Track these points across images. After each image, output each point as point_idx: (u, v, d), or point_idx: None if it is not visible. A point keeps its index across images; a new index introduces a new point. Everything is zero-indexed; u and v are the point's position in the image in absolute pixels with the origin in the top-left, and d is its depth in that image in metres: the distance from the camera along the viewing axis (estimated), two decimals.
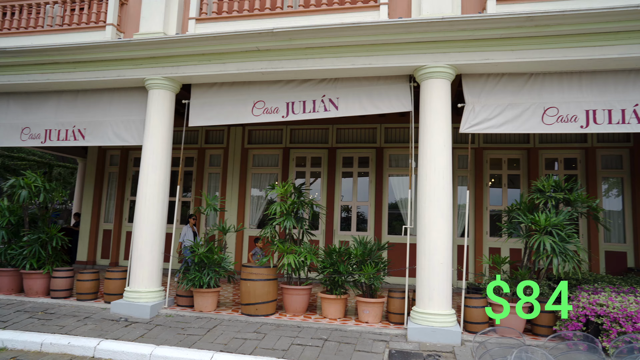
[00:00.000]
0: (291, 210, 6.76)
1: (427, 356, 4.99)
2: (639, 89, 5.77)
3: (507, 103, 6.02)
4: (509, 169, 9.54)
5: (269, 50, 6.24)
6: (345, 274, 6.27)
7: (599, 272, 8.75)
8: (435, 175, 5.67)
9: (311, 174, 10.34)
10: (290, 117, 6.65)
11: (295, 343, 5.24)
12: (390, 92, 6.36)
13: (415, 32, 5.70)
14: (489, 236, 9.32)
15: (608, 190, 9.14)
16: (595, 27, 5.34)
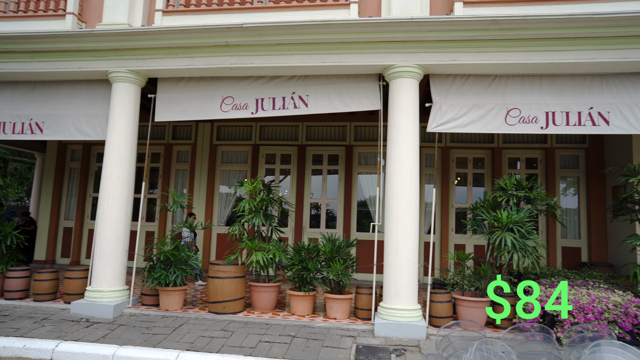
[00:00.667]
0: (260, 207, 6.71)
1: (393, 350, 5.08)
2: (594, 93, 6.05)
3: (473, 103, 6.19)
4: (474, 168, 9.81)
5: (238, 45, 6.17)
6: (314, 271, 6.29)
7: (556, 266, 9.14)
8: (403, 174, 5.77)
9: (281, 171, 10.30)
10: (260, 113, 6.60)
11: (263, 340, 5.22)
12: (360, 91, 6.41)
13: (384, 31, 5.77)
14: (454, 233, 9.57)
15: (566, 189, 9.56)
16: (554, 33, 5.56)
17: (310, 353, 4.88)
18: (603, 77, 6.09)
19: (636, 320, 5.17)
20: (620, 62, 5.62)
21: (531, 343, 3.93)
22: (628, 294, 5.56)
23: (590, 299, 5.34)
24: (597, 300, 5.32)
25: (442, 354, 3.40)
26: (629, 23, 5.38)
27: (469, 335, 4.07)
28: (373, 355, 4.92)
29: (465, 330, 5.15)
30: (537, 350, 3.60)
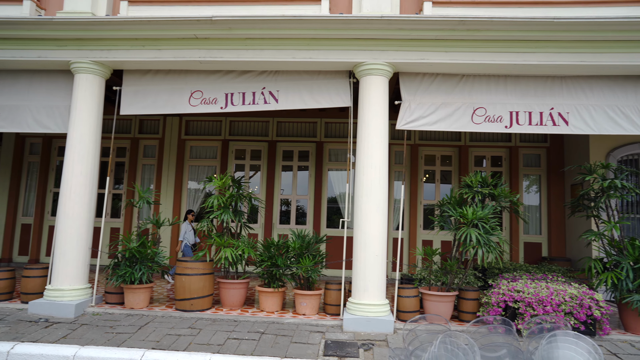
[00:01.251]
0: (229, 203, 6.64)
1: (361, 345, 5.14)
2: (555, 94, 6.29)
3: (441, 102, 6.31)
4: (442, 165, 10.03)
5: (207, 38, 6.05)
6: (283, 267, 6.28)
7: (518, 261, 9.48)
8: (372, 170, 5.83)
9: (251, 167, 10.21)
10: (230, 108, 6.51)
11: (231, 337, 5.17)
12: (331, 87, 6.42)
13: (355, 28, 5.80)
14: (422, 229, 9.76)
15: (529, 186, 9.91)
16: (518, 35, 5.74)
17: (279, 349, 4.88)
18: (563, 79, 6.33)
19: (590, 312, 5.43)
20: (578, 65, 5.85)
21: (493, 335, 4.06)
22: (583, 286, 5.83)
23: (549, 292, 5.56)
24: (555, 293, 5.55)
25: (408, 348, 3.47)
26: (586, 28, 5.61)
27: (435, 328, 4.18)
28: (341, 350, 4.96)
29: (431, 324, 5.27)
30: (498, 342, 3.72)
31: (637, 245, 5.94)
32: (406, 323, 5.29)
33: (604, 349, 5.21)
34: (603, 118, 6.18)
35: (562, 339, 3.17)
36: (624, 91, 6.25)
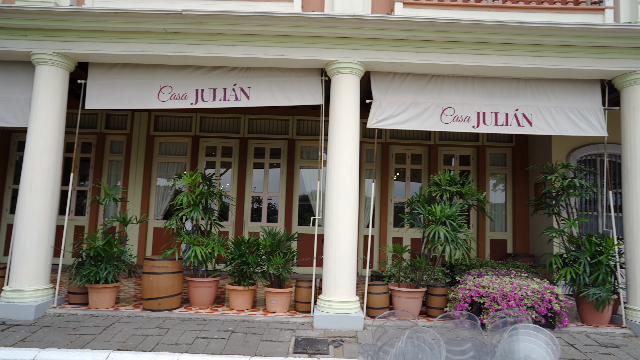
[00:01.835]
0: (199, 200, 6.54)
1: (331, 342, 5.18)
2: (519, 96, 6.50)
3: (411, 101, 6.42)
4: (412, 164, 10.20)
5: (177, 33, 5.94)
6: (254, 265, 6.25)
7: (484, 257, 9.77)
8: (344, 168, 5.87)
9: (222, 164, 10.09)
10: (200, 104, 6.41)
11: (200, 336, 5.11)
12: (302, 85, 6.42)
13: (327, 27, 5.81)
14: (392, 227, 9.90)
15: (496, 184, 10.21)
16: (485, 37, 5.90)
17: (249, 347, 4.85)
18: (527, 81, 6.55)
19: (550, 305, 5.66)
20: (541, 68, 6.07)
21: (460, 330, 4.17)
22: (544, 281, 6.06)
23: (513, 287, 5.76)
24: (519, 288, 5.75)
25: (376, 343, 3.53)
26: (548, 33, 5.83)
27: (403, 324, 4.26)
28: (311, 347, 4.99)
29: (400, 319, 5.36)
30: (464, 336, 3.83)
31: (593, 241, 6.23)
32: (374, 319, 5.37)
33: (562, 340, 5.45)
34: (564, 120, 6.44)
35: (522, 331, 3.29)
36: (583, 94, 6.53)
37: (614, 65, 6.04)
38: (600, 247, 6.23)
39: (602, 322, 6.06)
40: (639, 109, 6.09)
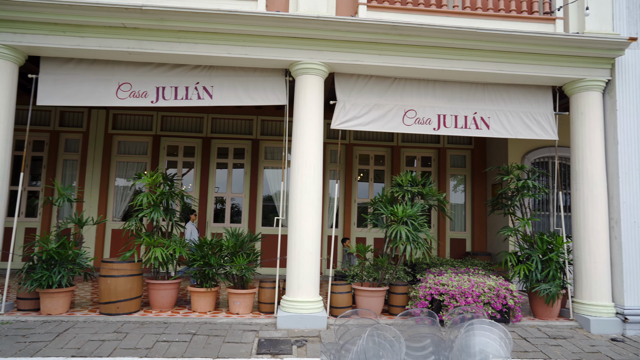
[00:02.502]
0: (160, 201, 6.38)
1: (294, 342, 5.19)
2: (478, 100, 6.74)
3: (374, 103, 6.52)
4: (375, 165, 10.36)
5: (137, 29, 5.77)
6: (217, 266, 6.16)
7: (445, 256, 10.05)
8: (307, 169, 5.89)
9: (184, 164, 9.88)
10: (161, 102, 6.25)
11: (160, 340, 4.99)
12: (266, 85, 6.39)
13: (291, 27, 5.82)
14: (356, 227, 10.02)
15: (456, 185, 10.53)
16: (446, 42, 6.08)
17: (211, 350, 4.78)
18: (485, 86, 6.80)
19: (505, 301, 5.90)
20: (498, 73, 6.32)
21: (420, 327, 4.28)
22: (500, 278, 6.31)
23: (471, 284, 5.97)
24: (476, 285, 5.96)
25: (339, 342, 3.56)
26: (504, 40, 6.08)
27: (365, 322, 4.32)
28: (275, 347, 4.97)
29: (362, 318, 5.43)
30: (424, 333, 3.93)
31: (545, 239, 6.55)
32: (337, 318, 5.41)
33: (515, 334, 5.69)
34: (519, 123, 6.73)
35: (478, 327, 3.42)
36: (537, 99, 6.85)
37: (564, 72, 6.37)
38: (551, 245, 6.55)
39: (552, 316, 6.38)
40: (586, 114, 6.45)
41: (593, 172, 6.33)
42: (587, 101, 6.46)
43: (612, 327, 6.00)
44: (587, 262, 6.23)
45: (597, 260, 6.17)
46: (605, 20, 6.49)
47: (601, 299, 6.12)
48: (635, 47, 6.44)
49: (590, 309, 6.12)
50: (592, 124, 6.41)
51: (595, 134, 6.39)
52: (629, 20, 6.55)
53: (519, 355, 5.03)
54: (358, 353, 3.02)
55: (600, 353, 5.20)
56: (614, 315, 6.08)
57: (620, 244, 6.16)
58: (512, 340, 5.40)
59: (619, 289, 6.14)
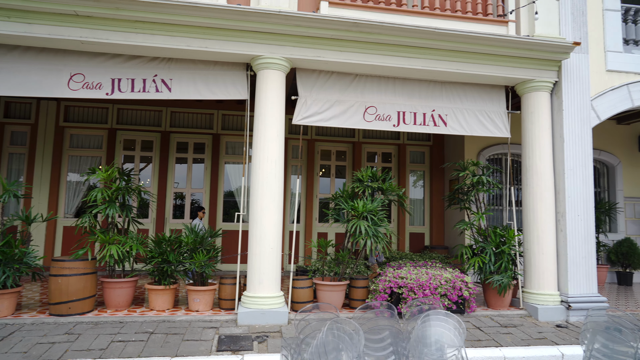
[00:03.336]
0: (115, 197, 6.16)
1: (255, 337, 5.17)
2: (436, 98, 6.93)
3: (335, 99, 6.57)
4: (337, 160, 10.44)
5: (90, 17, 5.52)
6: (176, 263, 6.03)
7: (404, 250, 10.30)
8: (268, 164, 5.86)
9: (142, 159, 9.57)
10: (117, 95, 6.02)
11: (116, 340, 4.84)
12: (227, 79, 6.29)
13: (252, 21, 5.75)
14: (318, 222, 10.08)
15: (416, 181, 10.79)
16: (406, 41, 6.20)
17: (170, 348, 4.69)
18: (443, 84, 7.00)
19: (461, 292, 6.14)
20: (455, 72, 6.53)
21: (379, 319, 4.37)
22: (456, 270, 6.55)
23: (428, 277, 6.15)
24: (433, 277, 6.16)
25: (299, 337, 3.59)
26: (461, 40, 6.29)
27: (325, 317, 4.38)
28: (235, 344, 4.94)
29: (323, 312, 5.49)
30: (382, 325, 4.01)
31: (497, 233, 6.85)
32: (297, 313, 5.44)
33: (470, 324, 5.93)
34: (474, 121, 6.98)
35: (434, 317, 3.54)
36: (491, 98, 7.13)
37: (516, 73, 6.66)
38: (503, 238, 6.86)
39: (504, 306, 6.70)
40: (535, 113, 6.78)
41: (542, 169, 6.67)
42: (537, 101, 6.79)
43: (558, 315, 6.37)
44: (535, 253, 6.57)
45: (544, 252, 6.52)
46: (553, 25, 6.83)
47: (548, 288, 6.48)
48: (579, 51, 6.83)
49: (538, 298, 6.47)
50: (541, 122, 6.74)
51: (543, 132, 6.73)
52: (573, 25, 6.93)
53: (473, 344, 5.25)
54: (318, 347, 3.06)
55: (546, 339, 5.51)
56: (559, 303, 6.45)
57: (565, 236, 6.53)
58: (466, 329, 5.62)
59: (564, 278, 6.52)
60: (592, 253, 6.57)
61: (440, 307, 5.35)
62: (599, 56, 7.11)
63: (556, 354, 5.13)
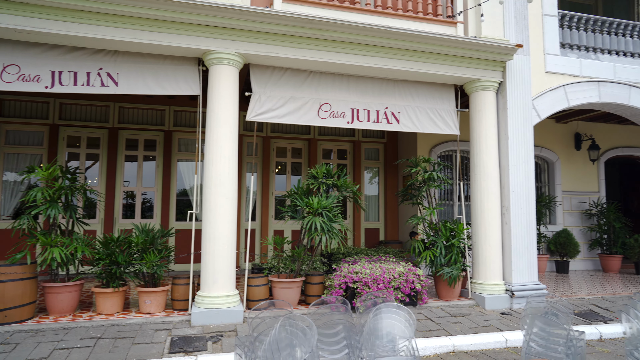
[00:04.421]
0: (57, 196, 5.83)
1: (210, 338, 5.08)
2: (389, 95, 7.07)
3: (290, 96, 6.55)
4: (293, 157, 10.43)
5: (25, 4, 5.17)
6: (125, 264, 5.80)
7: (360, 246, 10.46)
8: (222, 161, 5.76)
9: (88, 157, 9.12)
10: (58, 88, 5.69)
11: (59, 348, 4.59)
12: (178, 74, 6.11)
13: (204, 14, 5.62)
14: (274, 219, 10.03)
15: (372, 177, 10.97)
16: (359, 39, 6.28)
17: (119, 353, 4.52)
18: (396, 82, 7.15)
19: (413, 285, 6.32)
20: (407, 71, 6.69)
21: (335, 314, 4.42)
22: (409, 264, 6.73)
23: (382, 271, 6.29)
24: (387, 271, 6.30)
25: (253, 334, 3.56)
26: (412, 39, 6.45)
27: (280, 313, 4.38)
28: (188, 345, 4.83)
29: (279, 309, 5.48)
30: (336, 320, 4.06)
31: (448, 227, 7.10)
32: (250, 311, 5.41)
33: (422, 315, 6.13)
34: (425, 119, 7.19)
35: (385, 310, 3.63)
36: (441, 97, 7.36)
37: (464, 72, 6.92)
38: (453, 231, 7.12)
39: (454, 296, 6.97)
40: (482, 112, 7.08)
41: (488, 165, 6.98)
42: (484, 100, 7.10)
43: (503, 303, 6.71)
44: (483, 245, 6.88)
45: (491, 244, 6.84)
46: (498, 28, 7.16)
47: (494, 278, 6.80)
48: (521, 53, 7.20)
49: (485, 288, 6.78)
50: (488, 120, 7.05)
51: (490, 130, 7.05)
52: (516, 29, 7.29)
53: (425, 334, 5.42)
54: (271, 344, 3.05)
55: (492, 326, 5.79)
56: (504, 292, 6.80)
57: (510, 228, 6.88)
58: (418, 320, 5.81)
59: (508, 268, 6.87)
60: (534, 244, 6.96)
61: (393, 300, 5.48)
62: (539, 58, 7.53)
63: (500, 339, 5.41)
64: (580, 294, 7.50)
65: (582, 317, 6.32)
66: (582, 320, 6.23)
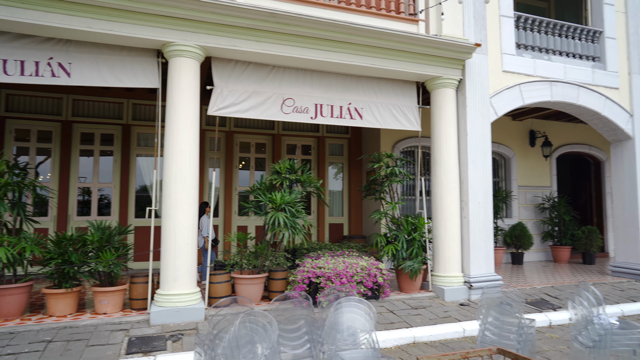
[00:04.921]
0: (3, 193, 5.51)
1: (169, 337, 4.97)
2: (352, 91, 7.11)
3: (252, 90, 6.46)
4: (256, 153, 10.32)
5: None
6: (79, 263, 5.57)
7: (324, 241, 10.51)
8: (183, 156, 5.62)
9: (39, 151, 8.67)
10: (2, 78, 5.36)
11: (4, 354, 4.35)
12: (136, 66, 5.90)
13: (163, 4, 5.44)
14: (237, 215, 9.90)
15: (336, 173, 11.02)
16: (323, 34, 6.27)
17: (71, 356, 4.34)
18: (359, 78, 7.20)
19: (375, 279, 6.41)
20: (370, 67, 6.74)
21: (298, 309, 4.42)
22: (372, 258, 6.82)
23: (345, 265, 6.34)
24: (350, 266, 6.36)
25: (213, 332, 3.50)
26: (375, 36, 6.51)
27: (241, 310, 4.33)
28: (147, 345, 4.70)
29: (241, 305, 5.42)
30: (298, 315, 4.06)
31: (409, 221, 7.24)
32: (210, 308, 5.32)
33: (384, 308, 6.23)
34: (388, 115, 7.28)
35: (346, 304, 3.66)
36: (403, 93, 7.48)
37: (425, 70, 7.05)
38: (415, 226, 7.27)
39: (415, 289, 7.13)
40: (443, 109, 7.25)
41: (448, 160, 7.16)
42: (444, 97, 7.26)
43: (461, 294, 6.92)
44: (443, 239, 7.06)
45: (451, 237, 7.03)
46: (458, 27, 7.34)
47: (453, 270, 7.01)
48: (480, 52, 7.41)
49: (445, 280, 6.98)
50: (448, 117, 7.23)
51: (450, 126, 7.23)
52: (475, 28, 7.50)
53: (387, 326, 5.52)
54: (230, 341, 3.01)
55: (451, 317, 5.96)
56: (463, 284, 7.02)
57: (468, 222, 7.10)
58: (380, 313, 5.91)
59: (467, 261, 7.10)
60: (491, 237, 7.22)
61: (356, 294, 5.54)
62: (496, 57, 7.78)
63: (459, 330, 5.58)
64: (533, 284, 7.85)
65: (534, 306, 6.62)
66: (534, 308, 6.52)
